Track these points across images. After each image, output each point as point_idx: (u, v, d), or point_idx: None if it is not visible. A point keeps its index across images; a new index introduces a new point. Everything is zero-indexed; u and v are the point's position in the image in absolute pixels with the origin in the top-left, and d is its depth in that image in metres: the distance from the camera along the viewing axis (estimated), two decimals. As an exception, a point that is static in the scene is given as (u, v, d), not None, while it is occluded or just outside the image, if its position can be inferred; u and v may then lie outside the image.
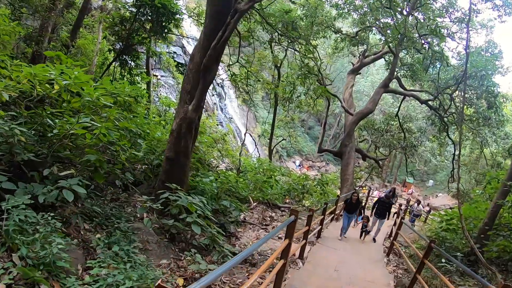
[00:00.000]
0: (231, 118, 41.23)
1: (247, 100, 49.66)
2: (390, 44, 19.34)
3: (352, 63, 25.07)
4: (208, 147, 16.28)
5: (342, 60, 44.19)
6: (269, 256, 7.24)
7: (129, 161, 8.74)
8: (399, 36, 18.29)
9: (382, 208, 11.00)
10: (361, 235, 11.11)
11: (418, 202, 18.87)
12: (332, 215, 12.52)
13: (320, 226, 9.62)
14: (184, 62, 33.55)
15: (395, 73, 20.74)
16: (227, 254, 6.48)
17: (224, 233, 8.49)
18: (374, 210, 11.24)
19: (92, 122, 6.30)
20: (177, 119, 8.07)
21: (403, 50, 20.66)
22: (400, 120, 22.93)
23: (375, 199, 19.59)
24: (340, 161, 23.54)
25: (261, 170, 16.24)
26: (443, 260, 7.65)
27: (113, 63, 14.80)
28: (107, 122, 7.07)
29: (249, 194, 12.22)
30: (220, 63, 9.00)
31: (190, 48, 32.06)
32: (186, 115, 7.84)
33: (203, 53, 7.83)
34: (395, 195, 17.32)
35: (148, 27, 14.23)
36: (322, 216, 9.45)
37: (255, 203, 11.82)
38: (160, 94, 26.31)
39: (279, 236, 9.33)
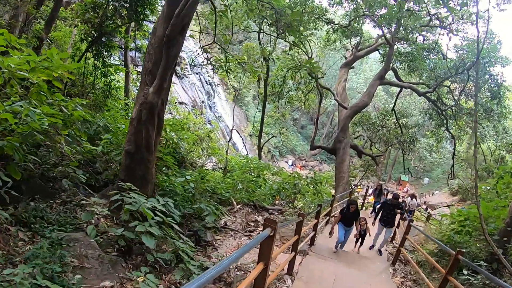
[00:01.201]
0: (220, 116, 39.75)
1: (236, 97, 48.54)
2: (387, 35, 18.13)
3: (345, 57, 23.84)
4: (191, 145, 14.91)
5: (335, 56, 43.06)
6: (250, 271, 5.81)
7: (82, 156, 7.28)
8: (395, 21, 17.05)
9: (390, 213, 8.85)
10: (356, 243, 8.92)
11: (412, 196, 17.22)
12: (327, 217, 11.12)
13: (314, 232, 8.17)
14: (169, 59, 32.10)
15: (391, 64, 19.51)
16: (194, 272, 5.03)
17: (196, 243, 7.06)
18: (379, 216, 9.25)
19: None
20: (137, 105, 6.63)
21: (398, 43, 19.46)
22: (397, 115, 21.71)
23: (371, 198, 18.26)
24: (334, 159, 22.27)
25: (248, 168, 14.80)
26: (465, 272, 6.26)
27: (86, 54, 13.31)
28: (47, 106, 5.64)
29: (231, 195, 10.78)
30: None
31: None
32: (146, 99, 6.40)
33: (166, 24, 6.40)
34: (382, 192, 15.75)
35: (123, 14, 12.81)
36: (316, 221, 8.01)
37: (239, 206, 10.38)
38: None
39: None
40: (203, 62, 9.55)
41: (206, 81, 39.27)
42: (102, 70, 13.36)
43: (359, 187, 28.63)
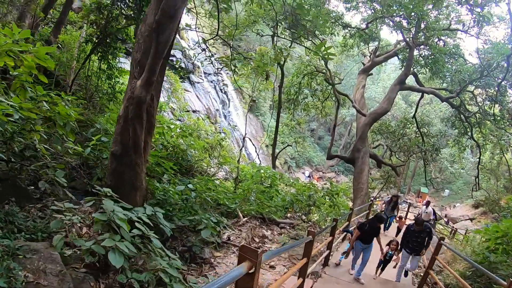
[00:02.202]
0: (236, 126, 38.98)
1: (253, 107, 47.84)
2: (406, 36, 17.06)
3: (363, 63, 22.81)
4: (201, 152, 14.13)
5: (352, 65, 41.97)
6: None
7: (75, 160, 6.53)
8: (414, 22, 15.95)
9: (417, 240, 7.31)
10: (378, 268, 7.69)
11: (428, 203, 14.92)
12: (344, 233, 9.99)
13: (328, 251, 7.06)
14: (184, 66, 31.69)
15: (412, 68, 18.36)
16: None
17: (191, 261, 6.12)
18: (404, 242, 7.63)
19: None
20: (124, 101, 5.82)
21: (418, 47, 18.33)
22: (418, 123, 20.39)
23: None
24: (352, 171, 21.06)
25: (259, 178, 13.81)
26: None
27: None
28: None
29: (238, 206, 9.81)
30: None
31: (191, 52, 30.18)
32: (133, 93, 5.57)
33: (157, 10, 5.61)
34: (397, 204, 13.69)
35: (128, 15, 12.27)
36: (331, 238, 6.92)
37: (245, 218, 9.38)
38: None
39: (271, 263, 6.86)
40: (210, 62, 8.74)
41: (220, 89, 38.74)
42: (108, 73, 12.81)
43: (377, 199, 27.15)
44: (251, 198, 11.67)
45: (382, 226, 8.62)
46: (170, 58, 29.65)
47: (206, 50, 7.94)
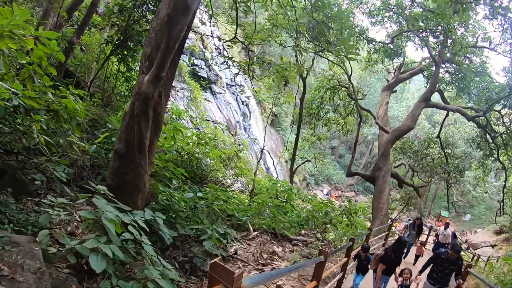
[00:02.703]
0: (256, 139, 38.64)
1: (274, 122, 47.54)
2: (432, 52, 16.43)
3: (387, 80, 22.18)
4: (217, 162, 13.78)
5: (375, 83, 41.23)
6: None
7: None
8: (441, 37, 15.31)
9: (444, 271, 6.33)
10: None
11: (446, 225, 13.84)
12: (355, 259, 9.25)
13: (342, 273, 6.38)
14: (206, 76, 31.85)
15: (437, 85, 17.68)
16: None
17: (191, 273, 5.64)
18: (428, 272, 6.66)
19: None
20: (132, 98, 5.53)
21: (443, 64, 17.63)
22: (442, 143, 19.44)
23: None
24: (372, 191, 20.22)
25: (274, 191, 13.28)
26: None
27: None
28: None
29: (248, 219, 9.30)
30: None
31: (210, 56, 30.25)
32: (140, 89, 5.26)
33: (170, 4, 5.33)
34: (422, 228, 12.55)
35: (150, 19, 12.25)
36: (346, 259, 6.27)
37: (256, 232, 8.84)
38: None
39: (279, 282, 6.28)
40: (228, 66, 8.38)
41: (242, 102, 38.66)
42: (126, 75, 12.77)
43: (397, 221, 25.89)
44: (265, 212, 11.14)
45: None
46: (193, 67, 29.95)
47: (223, 52, 7.62)
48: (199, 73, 30.76)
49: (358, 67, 24.98)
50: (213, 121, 29.24)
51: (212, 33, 9.14)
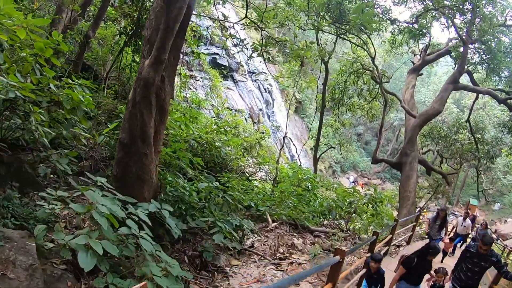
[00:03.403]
0: (279, 126, 38.04)
1: (299, 109, 46.67)
2: (459, 31, 15.31)
3: (412, 62, 20.98)
4: (238, 150, 13.44)
5: (400, 66, 39.48)
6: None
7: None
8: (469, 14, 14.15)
9: (474, 269, 5.33)
10: None
11: (466, 215, 12.33)
12: (386, 247, 8.70)
13: (365, 270, 5.86)
14: (227, 65, 31.46)
15: (466, 67, 16.50)
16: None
17: (201, 268, 5.36)
18: (456, 270, 5.67)
19: None
20: (134, 84, 5.23)
21: (472, 44, 16.39)
22: (471, 127, 18.25)
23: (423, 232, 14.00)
24: (399, 178, 19.34)
25: (296, 180, 12.82)
26: None
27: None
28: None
29: (268, 210, 8.92)
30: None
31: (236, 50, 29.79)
32: (140, 74, 4.94)
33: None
34: (446, 221, 11.08)
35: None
36: (369, 254, 5.75)
37: (275, 224, 8.46)
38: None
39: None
40: (241, 48, 7.89)
41: (265, 89, 38.05)
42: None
43: (425, 210, 24.72)
44: (286, 202, 10.71)
45: None
46: (213, 56, 29.57)
47: (236, 33, 7.13)
48: (219, 62, 30.36)
49: (383, 50, 23.80)
50: (235, 110, 28.90)
51: (225, 17, 8.64)
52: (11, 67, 5.23)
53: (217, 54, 30.13)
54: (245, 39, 7.32)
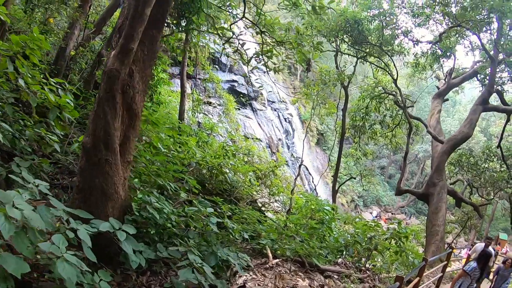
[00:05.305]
0: (299, 158, 36.85)
1: (320, 141, 45.46)
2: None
3: (437, 87, 19.84)
4: (247, 178, 12.55)
5: (424, 96, 38.00)
6: None
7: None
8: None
9: None
10: None
11: (487, 244, 9.69)
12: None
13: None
14: (246, 92, 31.06)
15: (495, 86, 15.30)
16: None
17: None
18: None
19: None
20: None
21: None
22: (503, 153, 16.61)
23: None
24: (425, 213, 17.65)
25: (309, 211, 11.51)
26: None
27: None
28: None
29: (271, 243, 7.67)
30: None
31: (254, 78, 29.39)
32: (105, 66, 4.13)
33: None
34: (488, 262, 9.29)
35: (168, 23, 11.49)
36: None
37: (277, 260, 7.18)
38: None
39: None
40: (239, 55, 6.95)
41: (285, 119, 37.29)
42: (150, 84, 12.06)
43: (453, 248, 22.42)
44: (294, 235, 9.41)
45: None
46: (232, 83, 29.24)
47: (236, 39, 6.27)
48: (238, 89, 30.01)
49: (405, 74, 22.73)
50: (252, 138, 28.09)
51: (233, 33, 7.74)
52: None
53: (236, 81, 29.83)
54: (244, 42, 6.44)
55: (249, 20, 6.21)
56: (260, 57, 6.63)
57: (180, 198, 6.74)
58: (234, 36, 6.72)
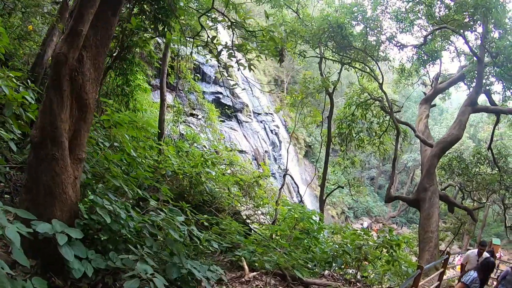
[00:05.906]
0: (287, 170, 36.34)
1: (308, 153, 45.21)
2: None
3: (424, 93, 19.86)
4: (229, 187, 12.10)
5: (412, 109, 38.35)
6: None
7: None
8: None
9: None
10: None
11: (481, 251, 9.46)
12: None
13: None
14: (231, 104, 30.67)
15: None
16: None
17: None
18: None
19: None
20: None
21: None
22: (494, 155, 16.67)
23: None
24: (417, 222, 17.28)
25: (292, 221, 10.94)
26: None
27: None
28: None
29: (249, 254, 7.06)
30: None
31: (239, 90, 29.08)
32: (53, 51, 3.64)
33: None
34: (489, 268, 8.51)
35: (146, 27, 11.13)
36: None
37: (254, 273, 6.58)
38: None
39: None
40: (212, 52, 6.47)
41: (271, 130, 36.94)
42: (127, 90, 11.63)
43: (449, 254, 22.05)
44: (273, 246, 8.85)
45: None
46: (216, 95, 28.84)
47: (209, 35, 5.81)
48: (223, 101, 29.60)
49: (391, 80, 22.75)
50: (239, 151, 27.53)
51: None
52: None
53: (221, 93, 29.44)
54: (214, 36, 5.96)
55: (217, 10, 5.79)
56: (231, 51, 6.17)
57: (149, 206, 6.20)
58: (205, 29, 6.23)
